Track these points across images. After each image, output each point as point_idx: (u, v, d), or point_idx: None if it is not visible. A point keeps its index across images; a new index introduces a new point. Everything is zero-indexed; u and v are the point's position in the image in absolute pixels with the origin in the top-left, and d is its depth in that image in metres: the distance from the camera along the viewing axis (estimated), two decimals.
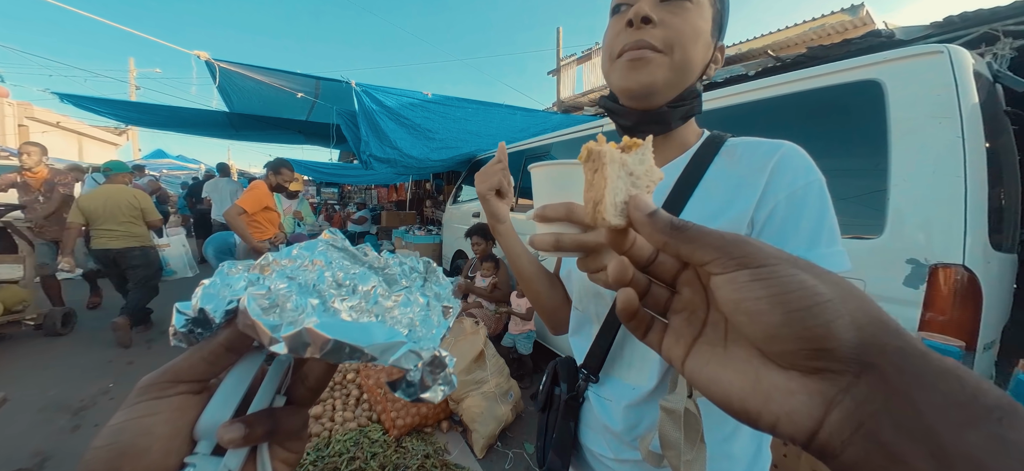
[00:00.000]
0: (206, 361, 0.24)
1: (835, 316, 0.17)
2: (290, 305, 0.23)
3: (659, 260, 0.25)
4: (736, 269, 0.19)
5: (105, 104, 5.09)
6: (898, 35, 2.90)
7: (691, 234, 0.21)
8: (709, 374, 0.22)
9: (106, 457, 0.21)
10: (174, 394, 0.23)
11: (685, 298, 0.24)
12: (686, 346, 0.23)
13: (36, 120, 13.28)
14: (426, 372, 0.26)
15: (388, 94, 4.00)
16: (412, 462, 1.93)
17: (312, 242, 0.29)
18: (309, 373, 0.28)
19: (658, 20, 0.50)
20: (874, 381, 0.16)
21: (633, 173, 0.27)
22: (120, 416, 0.22)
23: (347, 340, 0.23)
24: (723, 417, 0.53)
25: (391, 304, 0.27)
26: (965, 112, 1.19)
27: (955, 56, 1.23)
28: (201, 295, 0.24)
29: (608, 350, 0.59)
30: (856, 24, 5.09)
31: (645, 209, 0.23)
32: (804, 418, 0.18)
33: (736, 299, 0.19)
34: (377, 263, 0.30)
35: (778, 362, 0.19)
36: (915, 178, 1.26)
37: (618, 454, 0.59)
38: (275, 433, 0.26)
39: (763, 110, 1.72)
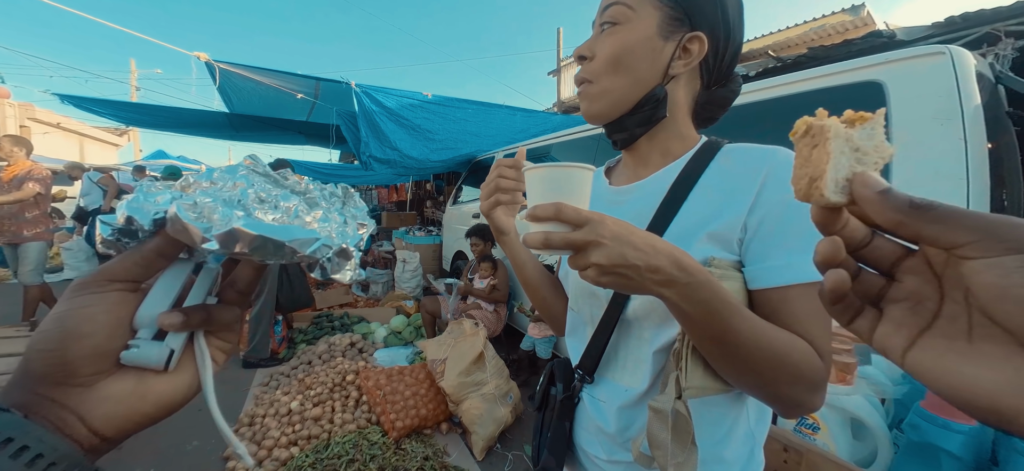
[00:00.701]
0: (139, 264, 0.26)
1: None
2: (217, 216, 0.26)
3: (874, 244, 0.23)
4: (1005, 253, 0.17)
5: (105, 105, 5.10)
6: (899, 35, 2.89)
7: (940, 213, 0.19)
8: (946, 367, 0.19)
9: (55, 336, 0.23)
10: (111, 290, 0.26)
11: (908, 286, 0.22)
12: (909, 337, 0.21)
13: (38, 121, 13.31)
14: (335, 260, 0.29)
15: (388, 95, 4.00)
16: (411, 464, 1.93)
17: (233, 166, 0.30)
18: (238, 278, 0.31)
19: (591, 55, 0.56)
20: None
21: (859, 149, 0.24)
22: (61, 306, 0.24)
23: (271, 235, 0.26)
24: (716, 421, 0.53)
25: (310, 220, 0.30)
26: (967, 114, 1.18)
27: (957, 57, 1.22)
28: (126, 206, 0.26)
29: (602, 351, 0.59)
30: (857, 24, 5.08)
31: (877, 186, 0.21)
32: None
33: (1003, 285, 0.17)
34: (298, 187, 0.32)
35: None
36: (916, 180, 1.26)
37: (611, 455, 0.59)
38: (210, 322, 0.29)
39: (762, 112, 1.71)
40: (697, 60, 0.55)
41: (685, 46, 0.54)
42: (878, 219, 0.21)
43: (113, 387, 0.25)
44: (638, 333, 0.56)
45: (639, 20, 0.53)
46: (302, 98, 4.77)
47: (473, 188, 4.51)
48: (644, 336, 0.55)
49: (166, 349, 0.27)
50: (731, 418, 0.53)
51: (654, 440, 0.48)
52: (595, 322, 0.60)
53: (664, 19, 0.53)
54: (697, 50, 0.54)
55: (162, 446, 2.18)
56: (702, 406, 0.52)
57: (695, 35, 0.54)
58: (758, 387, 0.44)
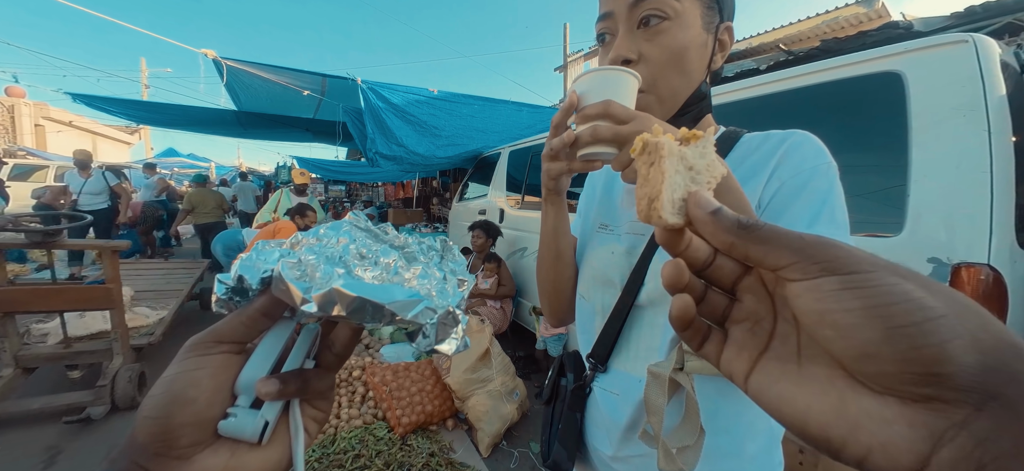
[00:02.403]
0: (244, 325, 0.27)
1: (951, 335, 0.14)
2: (319, 274, 0.26)
3: (717, 263, 0.22)
4: (820, 275, 0.17)
5: (116, 103, 5.17)
6: (917, 26, 2.81)
7: (763, 234, 0.19)
8: (780, 394, 0.19)
9: (161, 403, 0.23)
10: (217, 353, 0.26)
11: (747, 307, 0.22)
12: (750, 361, 0.21)
13: (52, 119, 13.56)
14: (440, 326, 0.28)
15: (394, 91, 4.00)
16: (417, 460, 1.93)
17: (338, 222, 0.31)
18: (336, 339, 0.30)
19: (637, 56, 0.50)
20: (1002, 417, 0.13)
21: (693, 167, 0.24)
22: (172, 369, 0.25)
23: (370, 298, 0.25)
24: (737, 413, 0.51)
25: (410, 276, 0.29)
26: (991, 104, 1.13)
27: (981, 46, 1.17)
28: (239, 266, 0.27)
29: (615, 340, 0.59)
30: (871, 16, 4.96)
31: (708, 207, 0.21)
32: (904, 454, 0.15)
33: (821, 310, 0.17)
34: (397, 242, 0.32)
35: (871, 385, 0.16)
36: (937, 174, 1.21)
37: (617, 451, 0.58)
38: (306, 390, 0.28)
39: (777, 104, 1.67)
40: (729, 51, 0.54)
41: (720, 38, 0.53)
42: (711, 239, 0.21)
43: (208, 461, 0.24)
44: (651, 320, 0.55)
45: (687, 13, 0.49)
46: (309, 95, 4.79)
47: (479, 184, 4.50)
48: (657, 323, 0.54)
49: (261, 420, 0.26)
50: (752, 412, 0.52)
51: (650, 406, 0.47)
52: (607, 311, 0.59)
53: (704, 10, 0.51)
54: (729, 41, 0.54)
55: None
56: (719, 398, 0.51)
57: (726, 25, 0.53)
58: None
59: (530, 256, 3.27)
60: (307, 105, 5.43)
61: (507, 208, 3.69)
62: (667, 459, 0.45)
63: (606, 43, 0.54)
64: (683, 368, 0.46)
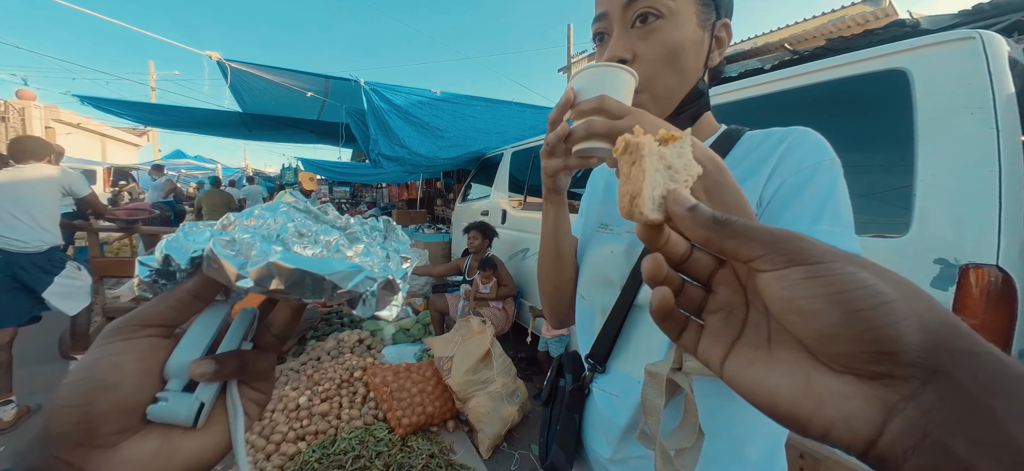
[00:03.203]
0: (173, 307, 0.25)
1: (901, 317, 0.16)
2: (254, 252, 0.25)
3: (694, 257, 0.24)
4: (787, 266, 0.18)
5: (122, 105, 5.23)
6: (923, 25, 2.77)
7: (736, 229, 0.20)
8: (752, 377, 0.20)
9: (80, 390, 0.22)
10: (143, 337, 0.24)
11: (722, 297, 0.23)
12: (725, 348, 0.22)
13: (62, 122, 13.75)
14: (381, 292, 0.27)
15: (397, 92, 4.01)
16: (417, 461, 1.92)
17: (274, 203, 0.30)
18: (275, 320, 0.29)
19: (632, 56, 0.49)
20: (944, 388, 0.15)
21: (672, 167, 0.26)
22: (90, 354, 0.23)
23: (310, 270, 0.24)
24: (737, 417, 0.51)
25: (352, 254, 0.28)
26: (1000, 102, 1.11)
27: (989, 42, 1.15)
28: (164, 246, 0.25)
29: (614, 341, 0.58)
30: (878, 15, 4.91)
31: (685, 203, 0.23)
32: (862, 425, 0.17)
33: (788, 298, 0.18)
34: (339, 222, 0.31)
35: (832, 365, 0.18)
36: (944, 173, 1.19)
37: (615, 453, 0.57)
38: (244, 371, 0.27)
39: (779, 103, 1.65)
40: (727, 48, 0.54)
41: (717, 35, 0.53)
42: (689, 234, 0.22)
43: (136, 448, 0.23)
44: (650, 321, 0.54)
45: (681, 11, 0.49)
46: (312, 96, 4.82)
47: (482, 185, 4.49)
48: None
49: (196, 402, 0.25)
50: (753, 415, 0.51)
51: (648, 406, 0.46)
52: (606, 311, 0.59)
53: (700, 7, 0.50)
54: (726, 38, 0.53)
55: None
56: (719, 400, 0.50)
57: (723, 22, 0.53)
58: None
59: (532, 257, 3.26)
60: (311, 106, 5.47)
61: (510, 209, 3.69)
62: (664, 462, 0.44)
63: (602, 43, 0.54)
64: (681, 368, 0.45)
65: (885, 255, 1.27)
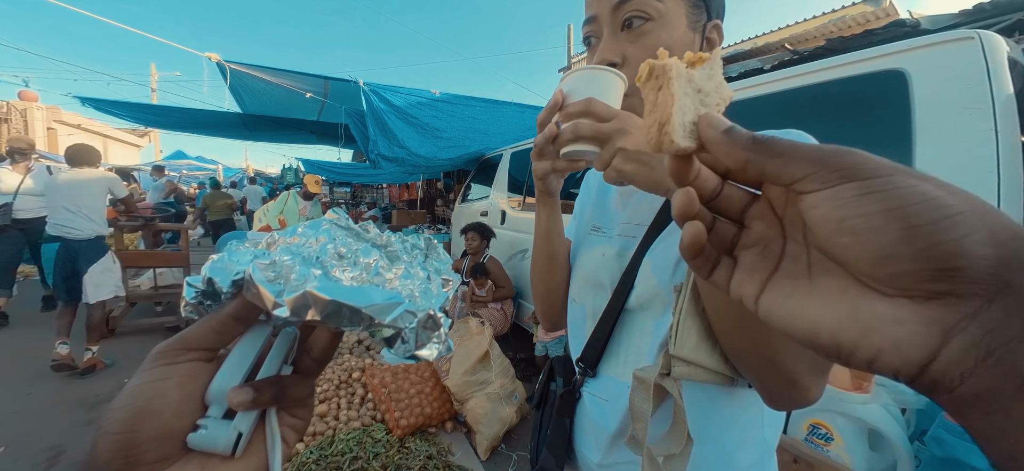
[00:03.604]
0: (215, 330, 0.25)
1: (970, 230, 0.14)
2: (294, 276, 0.24)
3: (725, 193, 0.23)
4: (839, 182, 0.17)
5: (123, 107, 5.24)
6: (924, 24, 2.76)
7: (781, 148, 0.19)
8: (792, 308, 0.19)
9: (123, 417, 0.22)
10: (185, 361, 0.24)
11: (756, 232, 0.22)
12: (761, 282, 0.21)
13: (63, 123, 13.79)
14: (421, 331, 0.26)
15: (396, 93, 4.01)
16: (415, 462, 1.92)
17: (316, 221, 0.30)
18: (314, 344, 0.29)
19: (622, 59, 0.49)
20: (1014, 304, 0.14)
21: (702, 90, 0.24)
22: (135, 380, 0.23)
23: (347, 301, 0.24)
24: (727, 424, 0.50)
25: (392, 276, 0.28)
26: (999, 102, 1.10)
27: (987, 42, 1.15)
28: (209, 268, 0.26)
29: (605, 344, 0.58)
30: (879, 15, 4.90)
31: (721, 126, 0.21)
32: (914, 349, 0.15)
33: (840, 217, 0.17)
34: (379, 240, 0.31)
35: (883, 289, 0.16)
36: (942, 174, 1.16)
37: (605, 458, 0.57)
38: (282, 398, 0.27)
39: (777, 103, 1.65)
40: (718, 50, 0.53)
41: (708, 37, 0.52)
42: (726, 159, 0.21)
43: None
44: (640, 325, 0.55)
45: (670, 13, 0.48)
46: (312, 97, 4.82)
47: (482, 186, 4.49)
48: (646, 328, 0.54)
49: (234, 432, 0.25)
50: (743, 422, 0.51)
51: (635, 411, 0.46)
52: (597, 315, 0.58)
53: (690, 9, 0.50)
54: (717, 39, 0.53)
55: None
56: (710, 406, 0.49)
57: (714, 23, 0.52)
58: (747, 349, 0.39)
59: (531, 257, 3.26)
60: (310, 107, 5.47)
61: (509, 210, 3.68)
62: (652, 467, 0.44)
63: (592, 46, 0.53)
64: (670, 374, 0.45)
65: None
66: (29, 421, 2.30)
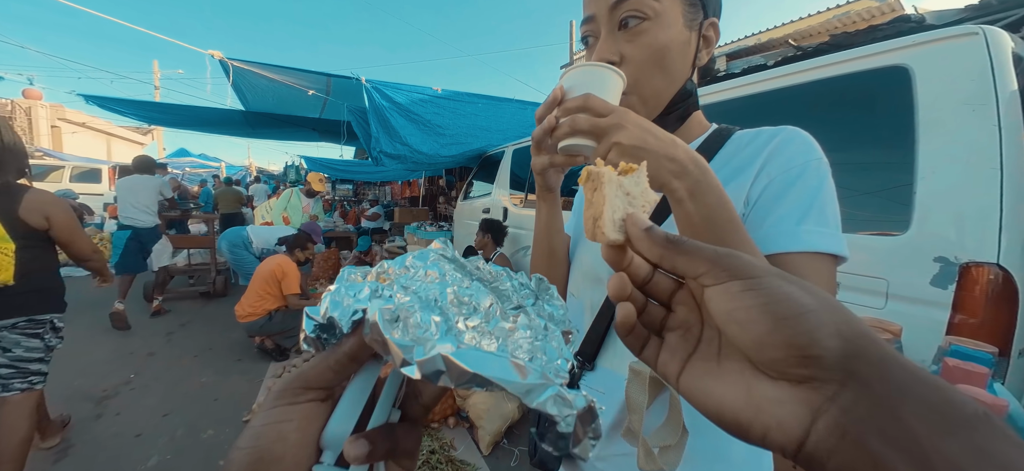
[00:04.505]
0: (332, 369, 0.25)
1: (819, 324, 0.18)
2: (413, 321, 0.24)
3: (655, 280, 0.26)
4: (728, 280, 0.20)
5: (127, 104, 5.26)
6: (929, 20, 2.74)
7: (687, 248, 0.22)
8: (703, 388, 0.22)
9: (247, 460, 0.23)
10: (304, 401, 0.25)
11: (680, 316, 0.25)
12: (681, 362, 0.24)
13: (67, 121, 13.86)
14: (578, 424, 0.23)
15: (398, 90, 4.01)
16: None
17: (424, 252, 0.30)
18: (424, 390, 0.29)
19: (619, 58, 0.50)
20: (858, 389, 0.17)
21: (630, 193, 0.29)
22: (259, 420, 0.24)
23: (485, 374, 0.22)
24: None
25: (511, 326, 0.27)
26: (1002, 99, 1.10)
27: (991, 38, 1.14)
28: (329, 303, 0.26)
29: (603, 338, 0.59)
30: (884, 10, 4.85)
31: (642, 225, 0.25)
32: (793, 427, 0.18)
33: (729, 309, 0.20)
34: (487, 277, 0.31)
35: (768, 373, 0.19)
36: (945, 170, 1.18)
37: (601, 450, 0.58)
38: (394, 452, 0.27)
39: (779, 100, 1.64)
40: (715, 47, 0.54)
41: (705, 35, 0.53)
42: (646, 254, 0.24)
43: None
44: None
45: (667, 13, 0.49)
46: (314, 94, 4.83)
47: (484, 183, 4.50)
48: None
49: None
50: None
51: (631, 403, 0.47)
52: (595, 308, 0.59)
53: (686, 8, 0.50)
54: (714, 37, 0.53)
55: (178, 434, 2.25)
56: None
57: (711, 22, 0.53)
58: None
59: (531, 254, 3.27)
60: (313, 105, 5.48)
61: (511, 206, 3.69)
62: (647, 458, 0.44)
63: (590, 45, 0.54)
64: None
65: (885, 254, 1.26)
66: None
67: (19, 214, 1.53)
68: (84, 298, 3.86)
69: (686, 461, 0.45)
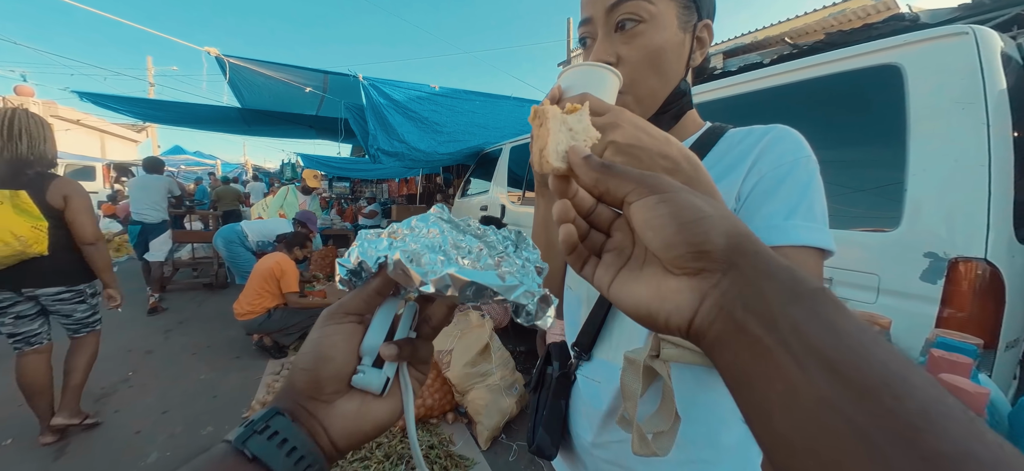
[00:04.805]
0: (365, 300, 0.32)
1: (712, 227, 0.22)
2: (425, 260, 0.30)
3: (598, 212, 0.30)
4: (648, 195, 0.24)
5: (122, 101, 5.22)
6: (923, 18, 2.76)
7: (617, 171, 0.26)
8: (627, 291, 0.26)
9: (311, 359, 0.30)
10: (347, 322, 0.32)
11: (616, 240, 0.30)
12: (613, 274, 0.28)
13: (60, 118, 13.71)
14: (540, 307, 0.32)
15: (395, 87, 4.00)
16: None
17: (425, 215, 0.36)
18: (433, 315, 0.35)
19: (616, 59, 0.51)
20: (735, 276, 0.21)
21: (573, 129, 0.33)
22: (315, 333, 0.31)
23: (481, 281, 0.30)
24: (712, 404, 0.53)
25: (497, 262, 0.33)
26: (991, 97, 1.12)
27: (981, 37, 1.16)
28: (357, 251, 0.32)
29: (599, 329, 0.60)
30: (879, 9, 4.88)
31: (581, 153, 0.28)
32: (685, 309, 0.23)
33: (646, 218, 0.24)
34: (477, 232, 0.37)
35: (672, 270, 0.24)
36: (935, 168, 1.20)
37: (598, 437, 0.60)
38: (415, 356, 0.34)
39: (773, 98, 1.66)
40: (708, 48, 0.55)
41: (698, 36, 0.54)
42: (584, 178, 0.28)
43: (345, 406, 0.31)
44: None
45: (662, 15, 0.50)
46: (311, 92, 4.81)
47: (481, 180, 4.50)
48: None
49: (383, 376, 0.32)
50: (729, 404, 0.52)
51: (626, 390, 0.48)
52: (592, 301, 0.61)
53: (680, 10, 0.52)
54: (707, 38, 0.55)
55: (177, 431, 2.25)
56: (696, 386, 0.52)
57: (705, 23, 0.54)
58: None
59: None
60: (310, 102, 5.45)
61: (508, 204, 3.70)
62: (641, 443, 0.46)
63: (587, 47, 0.55)
64: (659, 356, 0.47)
65: (876, 249, 1.29)
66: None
67: (46, 198, 1.87)
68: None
69: (678, 446, 0.46)
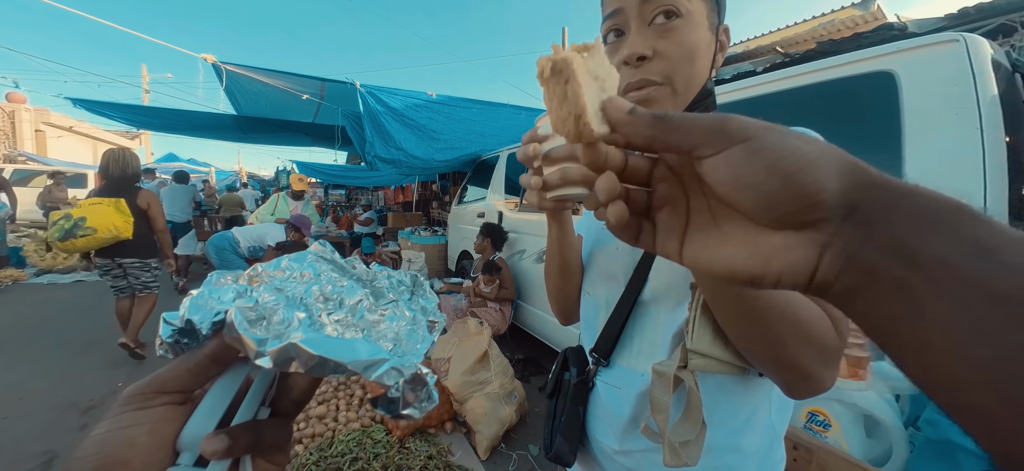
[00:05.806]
0: (191, 372, 0.24)
1: (823, 171, 0.19)
2: (277, 318, 0.24)
3: (630, 165, 0.25)
4: (729, 146, 0.20)
5: (116, 108, 5.18)
6: (911, 28, 2.82)
7: (676, 123, 0.21)
8: (710, 255, 0.22)
9: (92, 467, 0.21)
10: (158, 405, 0.23)
11: (662, 193, 0.25)
12: (679, 237, 0.24)
13: (52, 125, 13.58)
14: (407, 389, 0.26)
15: (392, 95, 4.01)
16: (415, 463, 1.92)
17: (301, 253, 0.30)
18: (294, 385, 0.28)
19: (653, 53, 0.48)
20: (859, 221, 0.18)
21: (598, 77, 0.25)
22: (103, 426, 0.22)
23: (331, 356, 0.23)
24: (734, 410, 0.52)
25: (377, 318, 0.28)
26: (983, 104, 1.14)
27: (972, 45, 1.18)
28: (189, 306, 0.24)
29: (618, 336, 0.59)
30: (867, 19, 4.99)
31: (624, 108, 0.23)
32: (803, 266, 0.20)
33: (735, 176, 0.20)
34: (365, 276, 0.31)
35: (772, 226, 0.20)
36: (930, 173, 1.22)
37: (622, 445, 0.58)
38: (258, 445, 0.25)
39: (769, 105, 1.68)
40: (725, 55, 0.54)
41: (720, 39, 0.53)
42: (635, 138, 0.23)
43: None
44: (654, 316, 0.56)
45: (696, 13, 0.49)
46: (308, 99, 4.81)
47: (478, 188, 4.50)
48: (660, 320, 0.55)
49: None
50: (750, 407, 0.52)
51: (656, 403, 0.47)
52: (611, 306, 0.60)
53: (710, 11, 0.51)
54: (726, 42, 0.54)
55: None
56: (719, 392, 0.51)
57: (724, 27, 0.54)
58: (762, 343, 0.39)
59: (528, 258, 3.27)
60: (306, 109, 5.45)
61: (505, 211, 3.70)
62: (673, 456, 0.45)
63: (619, 39, 0.51)
64: (686, 366, 0.46)
65: None
66: (23, 423, 2.26)
67: (137, 202, 2.93)
68: (71, 307, 3.79)
69: (703, 453, 0.45)
